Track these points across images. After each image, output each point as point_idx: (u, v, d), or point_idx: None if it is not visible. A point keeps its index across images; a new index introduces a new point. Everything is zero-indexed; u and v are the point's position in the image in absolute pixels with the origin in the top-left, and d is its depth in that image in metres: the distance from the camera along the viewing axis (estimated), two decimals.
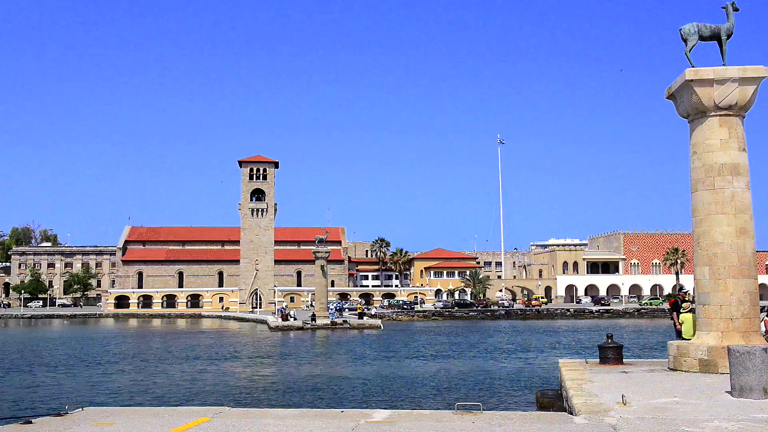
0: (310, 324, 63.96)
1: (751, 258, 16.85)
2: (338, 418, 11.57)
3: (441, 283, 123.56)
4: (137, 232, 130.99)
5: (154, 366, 34.06)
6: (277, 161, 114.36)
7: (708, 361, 16.31)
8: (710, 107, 17.08)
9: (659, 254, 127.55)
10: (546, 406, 17.59)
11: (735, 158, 17.00)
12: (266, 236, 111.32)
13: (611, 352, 19.10)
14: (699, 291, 17.31)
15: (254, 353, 40.92)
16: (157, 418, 11.76)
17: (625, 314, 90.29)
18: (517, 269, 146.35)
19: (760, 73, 16.97)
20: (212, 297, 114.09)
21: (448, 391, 23.62)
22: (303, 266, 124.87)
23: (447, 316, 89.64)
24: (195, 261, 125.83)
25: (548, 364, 31.39)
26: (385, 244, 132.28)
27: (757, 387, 12.35)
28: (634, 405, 12.06)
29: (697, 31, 17.78)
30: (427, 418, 11.72)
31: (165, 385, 26.82)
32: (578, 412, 11.74)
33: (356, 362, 34.40)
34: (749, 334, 16.38)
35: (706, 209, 17.12)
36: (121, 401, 22.25)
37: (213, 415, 11.91)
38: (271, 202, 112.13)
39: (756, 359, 12.39)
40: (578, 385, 14.67)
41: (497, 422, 11.02)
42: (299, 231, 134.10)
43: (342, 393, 23.69)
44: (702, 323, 17.11)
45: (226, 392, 24.33)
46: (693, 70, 17.15)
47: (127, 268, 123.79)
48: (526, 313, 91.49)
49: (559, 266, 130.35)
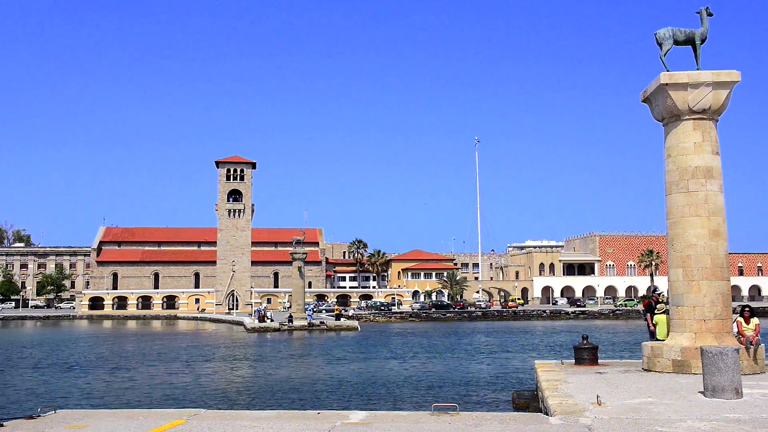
0: (287, 325, 63.74)
1: (723, 260, 17.07)
2: (315, 420, 11.52)
3: (418, 285, 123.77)
4: (112, 233, 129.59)
5: (128, 368, 33.71)
6: (254, 162, 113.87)
7: (681, 362, 16.48)
8: (684, 111, 17.28)
9: (634, 256, 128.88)
10: (522, 407, 17.66)
11: (708, 161, 17.20)
12: (243, 237, 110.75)
13: (586, 353, 19.24)
14: (673, 292, 17.49)
15: (230, 355, 40.67)
16: (131, 420, 11.63)
17: (600, 315, 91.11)
18: (494, 271, 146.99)
19: (733, 77, 17.20)
20: (188, 298, 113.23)
21: (425, 393, 23.64)
22: (280, 267, 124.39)
23: (424, 317, 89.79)
24: (171, 262, 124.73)
25: (525, 365, 31.55)
26: (363, 246, 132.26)
27: (730, 387, 12.50)
28: (608, 405, 12.15)
29: (672, 35, 17.98)
30: (404, 419, 11.72)
31: (140, 387, 26.54)
32: (554, 412, 11.80)
33: (333, 364, 34.32)
34: (722, 335, 16.58)
35: (680, 211, 17.31)
36: (95, 404, 21.97)
37: (188, 417, 11.81)
38: (248, 202, 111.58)
39: (728, 360, 12.54)
40: (554, 386, 14.75)
41: (473, 423, 11.04)
42: (276, 232, 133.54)
43: (319, 394, 23.62)
44: (675, 324, 17.29)
45: (202, 394, 24.14)
46: (668, 74, 17.34)
47: (102, 269, 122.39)
48: (503, 315, 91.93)
49: (536, 268, 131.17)
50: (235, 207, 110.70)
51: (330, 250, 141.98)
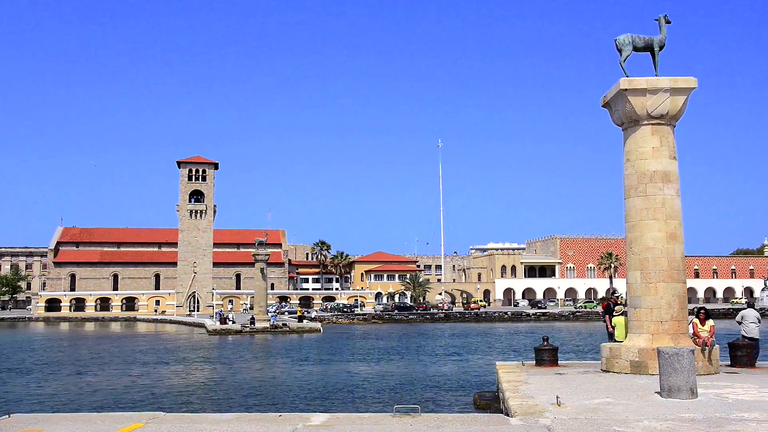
0: (249, 327, 63.23)
1: (680, 262, 17.41)
2: (276, 423, 11.45)
3: (381, 286, 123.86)
4: (70, 233, 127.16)
5: (86, 371, 33.09)
6: (216, 162, 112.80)
7: (639, 363, 16.75)
8: (643, 116, 17.59)
9: (594, 258, 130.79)
10: (483, 408, 17.79)
11: (666, 166, 17.54)
12: (205, 238, 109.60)
13: (547, 354, 19.45)
14: (631, 294, 17.78)
15: (191, 357, 40.19)
16: (88, 424, 11.41)
17: (560, 317, 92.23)
18: (457, 273, 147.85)
19: (690, 84, 17.57)
20: (148, 300, 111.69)
21: (387, 394, 23.65)
22: (242, 269, 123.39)
23: (387, 319, 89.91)
24: (130, 263, 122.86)
25: (486, 366, 31.77)
26: (326, 247, 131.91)
27: (685, 387, 12.73)
28: (568, 406, 12.29)
29: (632, 42, 18.29)
30: (366, 421, 11.71)
31: (97, 391, 26.06)
32: (514, 413, 11.91)
33: (295, 366, 34.15)
34: (678, 336, 16.90)
35: (638, 215, 17.61)
36: (51, 408, 21.52)
37: (146, 420, 11.64)
38: (210, 203, 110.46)
39: (684, 360, 12.77)
40: (514, 387, 14.87)
41: (435, 424, 11.08)
42: (239, 233, 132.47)
43: (281, 397, 23.47)
44: (633, 326, 17.58)
45: (161, 398, 23.80)
46: (627, 80, 17.64)
47: (59, 270, 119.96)
48: (465, 316, 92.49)
49: (498, 270, 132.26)
50: (197, 208, 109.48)
51: (293, 252, 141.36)
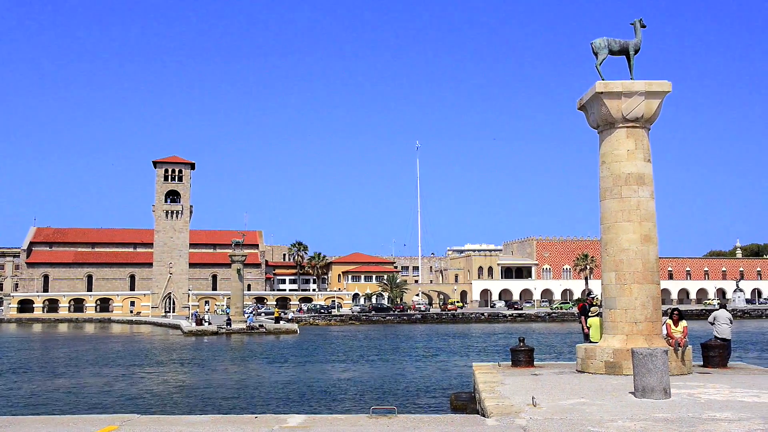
0: (226, 329, 62.84)
1: (654, 264, 17.60)
2: (252, 424, 11.38)
3: (359, 287, 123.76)
4: (43, 234, 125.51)
5: (59, 373, 32.67)
6: (193, 162, 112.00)
7: (613, 363, 16.91)
8: (618, 119, 17.76)
9: (570, 260, 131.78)
10: (460, 409, 17.85)
11: (641, 168, 17.73)
12: (181, 239, 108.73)
13: (523, 355, 19.56)
14: (606, 296, 17.94)
15: (166, 359, 39.85)
16: (61, 426, 11.27)
17: (537, 318, 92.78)
18: (434, 274, 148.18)
19: (665, 87, 17.79)
20: (123, 301, 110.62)
21: (364, 396, 23.62)
22: (219, 270, 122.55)
23: (364, 320, 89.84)
24: (105, 264, 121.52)
25: (463, 367, 31.86)
26: (303, 248, 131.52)
27: (659, 387, 12.87)
28: (543, 406, 12.37)
29: (607, 45, 18.47)
30: (342, 422, 11.69)
31: (71, 393, 25.72)
32: (490, 414, 11.96)
33: (272, 367, 34.00)
34: (652, 337, 17.09)
35: (613, 217, 17.78)
36: (23, 411, 21.20)
37: (121, 423, 11.52)
38: (186, 204, 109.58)
39: (657, 361, 12.91)
40: (490, 388, 14.93)
41: (411, 425, 11.10)
42: (215, 234, 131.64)
43: (257, 399, 23.34)
44: (608, 327, 17.74)
45: (136, 399, 23.56)
46: (603, 83, 17.80)
47: (32, 271, 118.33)
48: (442, 317, 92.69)
49: (475, 271, 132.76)
50: (173, 208, 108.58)
51: (270, 253, 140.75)
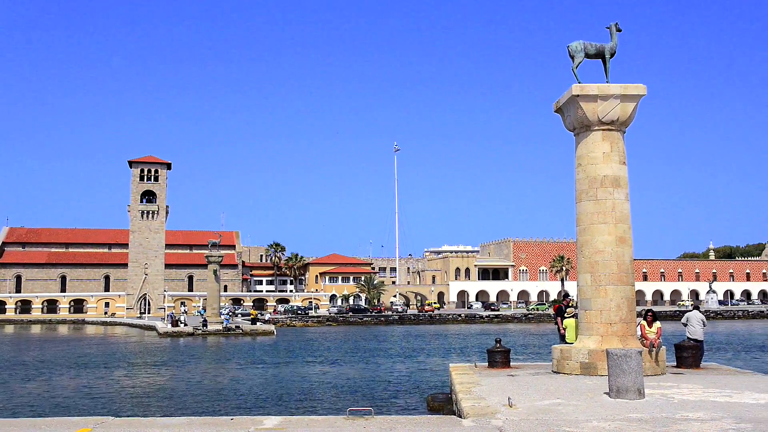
0: (202, 330, 62.41)
1: (629, 266, 17.78)
2: (228, 426, 11.32)
3: (336, 289, 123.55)
4: (16, 234, 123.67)
5: (31, 375, 32.22)
6: (169, 162, 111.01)
7: (589, 364, 17.05)
8: (594, 122, 17.93)
9: (546, 261, 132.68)
10: (436, 410, 17.88)
11: (616, 171, 17.91)
12: (157, 239, 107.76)
13: (499, 356, 19.66)
14: (581, 297, 18.09)
15: (141, 360, 39.48)
16: (33, 429, 11.12)
17: (513, 319, 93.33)
18: (411, 275, 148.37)
19: (640, 91, 17.99)
20: (97, 302, 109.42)
21: (341, 397, 23.59)
22: (195, 270, 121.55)
23: (341, 321, 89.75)
24: (79, 264, 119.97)
25: (440, 368, 31.94)
26: (280, 249, 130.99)
27: (633, 388, 13.00)
28: (519, 407, 12.44)
29: (584, 48, 18.63)
30: (319, 423, 11.66)
31: (43, 395, 25.38)
32: (466, 414, 11.99)
33: (248, 369, 33.82)
34: (626, 338, 17.26)
35: (589, 219, 17.94)
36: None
37: (94, 425, 11.39)
38: (162, 204, 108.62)
39: (632, 362, 13.05)
40: (467, 389, 14.98)
41: (388, 426, 11.10)
42: (192, 234, 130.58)
43: (233, 400, 23.21)
44: (584, 328, 17.88)
45: (110, 401, 23.31)
46: (579, 86, 17.95)
47: (4, 272, 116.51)
48: (420, 319, 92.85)
49: (452, 272, 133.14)
50: (149, 208, 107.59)
51: (247, 254, 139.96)
